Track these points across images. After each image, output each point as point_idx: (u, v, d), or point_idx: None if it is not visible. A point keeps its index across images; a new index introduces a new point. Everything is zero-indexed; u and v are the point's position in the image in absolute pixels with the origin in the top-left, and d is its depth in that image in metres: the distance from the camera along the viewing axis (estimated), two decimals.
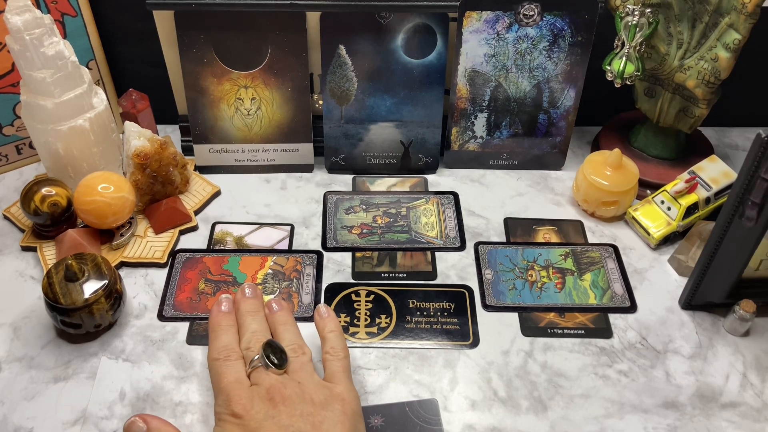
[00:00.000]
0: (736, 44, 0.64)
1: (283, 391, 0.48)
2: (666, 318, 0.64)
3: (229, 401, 0.48)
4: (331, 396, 0.49)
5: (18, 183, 0.76)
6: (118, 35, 0.78)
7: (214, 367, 0.51)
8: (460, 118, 0.76)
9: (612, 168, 0.71)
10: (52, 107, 0.65)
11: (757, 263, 0.61)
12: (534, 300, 0.65)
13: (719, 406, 0.57)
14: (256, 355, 0.51)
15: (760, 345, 0.62)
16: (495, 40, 0.71)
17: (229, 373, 0.50)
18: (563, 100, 0.75)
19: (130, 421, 0.48)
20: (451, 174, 0.79)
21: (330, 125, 0.76)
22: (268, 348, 0.51)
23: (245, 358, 0.51)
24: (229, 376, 0.49)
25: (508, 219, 0.73)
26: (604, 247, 0.70)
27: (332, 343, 0.54)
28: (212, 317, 0.54)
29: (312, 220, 0.72)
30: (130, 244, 0.68)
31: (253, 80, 0.73)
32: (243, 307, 0.55)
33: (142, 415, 0.48)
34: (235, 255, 0.68)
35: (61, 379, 0.57)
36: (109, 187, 0.65)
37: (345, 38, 0.71)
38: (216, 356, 0.51)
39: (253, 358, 0.50)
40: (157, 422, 0.48)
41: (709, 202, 0.70)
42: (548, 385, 0.58)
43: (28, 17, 0.61)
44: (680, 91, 0.71)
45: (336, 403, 0.49)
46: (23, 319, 0.62)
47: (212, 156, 0.77)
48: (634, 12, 0.66)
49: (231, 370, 0.50)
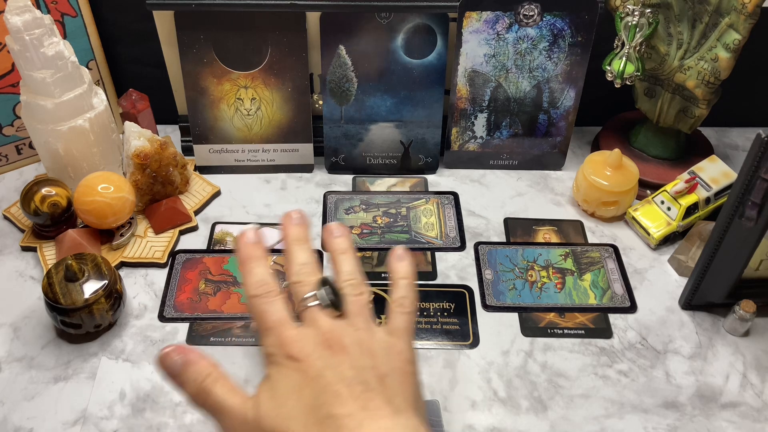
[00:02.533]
0: (736, 44, 0.64)
1: (342, 338, 0.43)
2: (666, 318, 0.64)
3: (283, 343, 0.43)
4: (392, 352, 0.44)
5: (18, 183, 0.76)
6: (118, 35, 0.78)
7: (254, 305, 0.45)
8: (460, 118, 0.76)
9: (612, 168, 0.71)
10: (52, 107, 0.65)
11: (757, 263, 0.61)
12: (534, 300, 0.65)
13: (719, 406, 0.57)
14: (308, 291, 0.45)
15: (760, 345, 0.62)
16: (495, 41, 0.71)
17: (274, 311, 0.45)
18: (563, 100, 0.75)
19: (163, 354, 0.44)
20: (451, 174, 0.79)
21: (330, 125, 0.76)
22: (324, 285, 0.45)
23: (295, 293, 0.46)
24: (274, 315, 0.45)
25: (508, 219, 0.73)
26: (604, 247, 0.70)
27: (402, 292, 0.48)
28: (241, 249, 0.48)
29: (312, 221, 0.72)
30: (130, 244, 0.68)
31: (253, 80, 0.73)
32: (291, 234, 0.49)
33: (176, 346, 0.45)
34: (236, 255, 0.68)
35: (61, 379, 0.57)
36: (109, 187, 0.65)
37: (345, 38, 0.71)
38: (255, 293, 0.46)
39: (306, 295, 0.45)
40: (193, 354, 0.44)
41: (709, 202, 0.70)
42: (548, 385, 0.58)
43: (28, 17, 0.61)
44: (680, 92, 0.71)
45: (397, 359, 0.44)
46: (23, 319, 0.62)
47: (212, 156, 0.77)
48: (634, 12, 0.66)
49: (275, 308, 0.45)
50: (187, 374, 0.44)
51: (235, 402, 0.43)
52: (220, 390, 0.43)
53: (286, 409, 0.41)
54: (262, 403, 0.42)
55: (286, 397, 0.41)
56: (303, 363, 0.42)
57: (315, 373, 0.42)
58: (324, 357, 0.42)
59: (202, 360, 0.44)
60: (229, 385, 0.44)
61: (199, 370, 0.44)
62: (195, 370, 0.44)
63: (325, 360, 0.42)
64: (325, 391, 0.41)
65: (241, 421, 0.42)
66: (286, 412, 0.41)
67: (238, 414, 0.42)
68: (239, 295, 0.64)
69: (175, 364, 0.44)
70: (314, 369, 0.42)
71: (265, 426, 0.41)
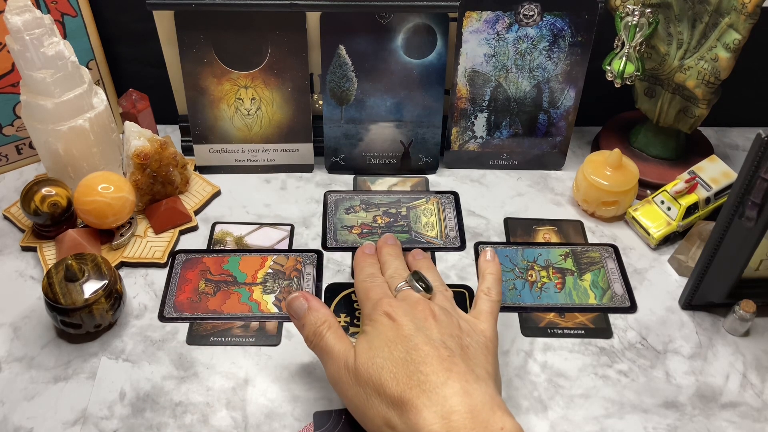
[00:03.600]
0: (736, 44, 0.64)
1: (432, 309, 0.51)
2: (666, 318, 0.64)
3: (382, 306, 0.51)
4: (476, 329, 0.51)
5: (18, 183, 0.76)
6: (118, 35, 0.78)
7: (361, 287, 0.55)
8: (460, 118, 0.76)
9: (612, 168, 0.71)
10: (52, 107, 0.65)
11: (757, 263, 0.61)
12: (534, 300, 0.65)
13: (719, 406, 0.57)
14: (402, 281, 0.54)
15: (760, 345, 0.62)
16: (495, 40, 0.71)
17: (377, 288, 0.54)
18: (563, 100, 0.75)
19: (293, 297, 0.53)
20: (451, 174, 0.79)
21: (330, 125, 0.76)
22: (415, 275, 0.54)
23: (390, 284, 0.55)
24: (377, 289, 0.53)
25: (508, 219, 0.73)
26: (604, 247, 0.70)
27: (489, 283, 0.56)
28: (357, 257, 0.59)
29: (312, 221, 0.72)
30: (130, 244, 0.68)
31: (253, 80, 0.73)
32: (385, 250, 0.60)
33: (303, 292, 0.54)
34: (235, 255, 0.68)
35: (61, 379, 0.57)
36: (109, 187, 0.65)
37: (345, 38, 0.71)
38: (363, 279, 0.56)
39: (400, 283, 0.54)
40: (315, 302, 0.53)
41: (709, 202, 0.70)
42: (548, 385, 0.58)
43: (28, 17, 0.61)
44: (680, 91, 0.71)
45: (479, 335, 0.51)
46: (23, 319, 0.62)
47: (212, 156, 0.77)
48: (634, 12, 0.66)
49: (378, 288, 0.54)
50: (307, 318, 0.52)
51: (341, 348, 0.50)
52: (331, 336, 0.51)
53: (380, 359, 0.48)
54: (360, 353, 0.49)
55: (380, 349, 0.48)
56: (397, 322, 0.49)
57: (407, 332, 0.48)
58: (415, 321, 0.49)
59: (322, 308, 0.53)
60: (339, 333, 0.52)
61: (318, 316, 0.52)
62: (314, 316, 0.52)
63: (416, 323, 0.49)
64: (416, 349, 0.47)
65: (342, 365, 0.50)
66: (380, 363, 0.48)
67: (341, 358, 0.50)
68: (239, 294, 0.64)
69: (301, 308, 0.53)
70: (407, 329, 0.49)
71: (361, 372, 0.48)
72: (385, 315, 0.50)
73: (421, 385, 0.45)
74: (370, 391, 0.47)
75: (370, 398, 0.47)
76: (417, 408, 0.45)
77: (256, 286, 0.65)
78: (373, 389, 0.47)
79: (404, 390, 0.46)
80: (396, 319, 0.49)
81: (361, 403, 0.48)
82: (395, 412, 0.46)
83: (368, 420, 0.48)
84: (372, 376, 0.47)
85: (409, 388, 0.46)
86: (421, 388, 0.45)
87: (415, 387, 0.46)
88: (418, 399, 0.45)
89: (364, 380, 0.48)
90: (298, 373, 0.58)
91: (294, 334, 0.61)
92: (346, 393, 0.50)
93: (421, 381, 0.46)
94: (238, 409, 0.55)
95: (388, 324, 0.49)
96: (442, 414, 0.44)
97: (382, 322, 0.50)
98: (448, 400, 0.45)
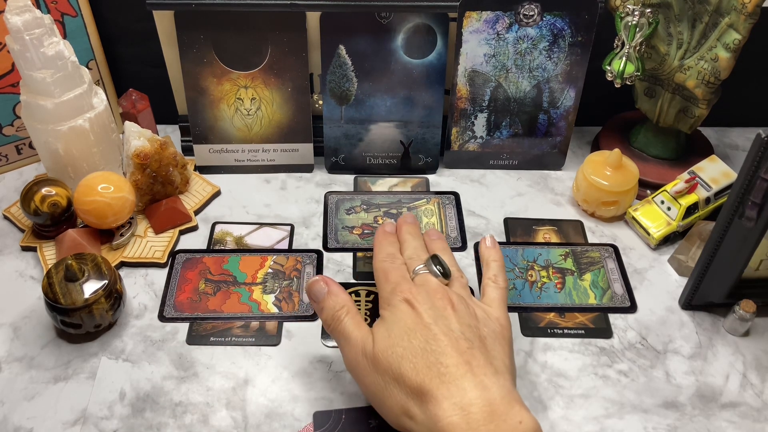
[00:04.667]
0: (736, 44, 0.64)
1: (450, 297, 0.51)
2: (666, 318, 0.64)
3: (401, 290, 0.51)
4: (491, 317, 0.52)
5: (18, 183, 0.76)
6: (118, 35, 0.78)
7: (380, 268, 0.55)
8: (460, 118, 0.76)
9: (612, 168, 0.71)
10: (52, 107, 0.65)
11: (757, 263, 0.61)
12: (534, 300, 0.65)
13: (719, 406, 0.57)
14: (421, 263, 0.54)
15: (760, 345, 0.62)
16: (495, 40, 0.71)
17: (396, 270, 0.53)
18: (563, 100, 0.75)
19: (314, 280, 0.53)
20: (451, 174, 0.79)
21: (330, 125, 0.76)
22: (434, 258, 0.54)
23: (409, 267, 0.54)
24: (396, 272, 0.53)
25: (508, 219, 0.73)
26: (604, 247, 0.70)
27: (495, 271, 0.56)
28: (377, 235, 0.59)
29: (312, 220, 0.72)
30: (130, 244, 0.68)
31: (253, 80, 0.73)
32: (405, 228, 0.59)
33: (323, 276, 0.54)
34: (235, 255, 0.68)
35: (61, 379, 0.57)
36: (109, 187, 0.65)
37: (345, 38, 0.71)
38: (383, 258, 0.55)
39: (419, 265, 0.53)
40: (335, 287, 0.53)
41: (709, 202, 0.70)
42: (548, 385, 0.58)
43: (28, 17, 0.61)
44: (680, 91, 0.71)
45: (495, 324, 0.51)
46: (23, 319, 0.62)
47: (212, 156, 0.77)
48: (634, 12, 0.66)
49: (397, 269, 0.54)
50: (326, 302, 0.52)
51: (359, 334, 0.50)
52: (349, 321, 0.51)
53: (399, 348, 0.47)
54: (378, 341, 0.49)
55: (399, 338, 0.48)
56: (416, 310, 0.49)
57: (427, 320, 0.48)
58: (434, 309, 0.49)
59: (341, 293, 0.53)
60: (358, 318, 0.52)
61: (337, 301, 0.52)
62: (333, 300, 0.52)
63: (435, 312, 0.49)
64: (435, 339, 0.47)
65: (360, 351, 0.49)
66: (399, 352, 0.47)
67: (359, 344, 0.50)
68: (239, 294, 0.64)
69: (320, 291, 0.53)
70: (426, 316, 0.49)
71: (380, 360, 0.48)
72: (404, 302, 0.50)
73: (441, 377, 0.46)
74: (389, 379, 0.47)
75: (388, 386, 0.48)
76: (437, 398, 0.45)
77: (256, 286, 0.65)
78: (392, 378, 0.47)
79: (424, 380, 0.46)
80: (416, 307, 0.49)
81: (380, 391, 0.48)
82: (415, 401, 0.46)
83: (386, 408, 0.48)
84: (392, 364, 0.47)
85: (429, 379, 0.46)
86: (441, 379, 0.46)
87: (435, 378, 0.46)
88: (438, 390, 0.45)
89: (383, 368, 0.48)
90: (298, 373, 0.58)
91: (294, 334, 0.61)
92: (364, 380, 0.50)
93: (441, 372, 0.46)
94: (238, 409, 0.55)
95: (408, 311, 0.49)
96: (461, 406, 0.44)
97: (402, 308, 0.50)
98: (467, 393, 0.45)
